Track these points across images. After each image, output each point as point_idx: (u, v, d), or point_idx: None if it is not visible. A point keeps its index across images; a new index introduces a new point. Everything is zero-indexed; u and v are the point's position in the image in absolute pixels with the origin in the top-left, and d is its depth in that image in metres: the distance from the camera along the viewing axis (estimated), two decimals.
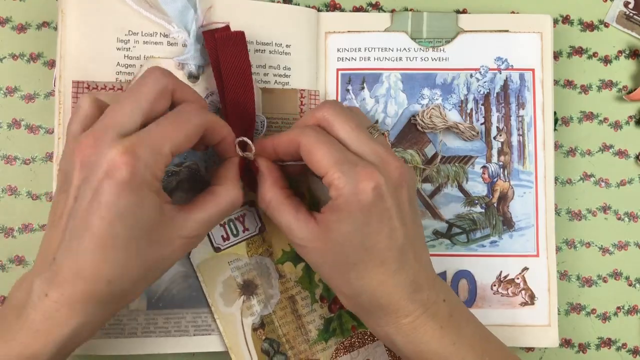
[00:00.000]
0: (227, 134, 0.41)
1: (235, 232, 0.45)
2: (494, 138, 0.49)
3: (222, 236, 0.45)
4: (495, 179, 0.48)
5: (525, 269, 0.48)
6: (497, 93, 0.49)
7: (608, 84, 0.52)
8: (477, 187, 0.48)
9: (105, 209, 0.34)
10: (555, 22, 0.52)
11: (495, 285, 0.48)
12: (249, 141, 0.41)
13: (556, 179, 0.51)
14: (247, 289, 0.45)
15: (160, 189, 0.36)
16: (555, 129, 0.50)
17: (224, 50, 0.43)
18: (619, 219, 0.51)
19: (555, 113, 0.50)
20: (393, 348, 0.40)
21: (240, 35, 0.43)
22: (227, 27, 0.44)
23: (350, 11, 0.51)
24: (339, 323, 0.46)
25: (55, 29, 0.48)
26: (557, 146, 0.51)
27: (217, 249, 0.45)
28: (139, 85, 0.37)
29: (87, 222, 0.34)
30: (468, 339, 0.39)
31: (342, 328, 0.46)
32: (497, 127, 0.49)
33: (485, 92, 0.49)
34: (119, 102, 0.36)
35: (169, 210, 0.37)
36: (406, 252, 0.38)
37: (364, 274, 0.38)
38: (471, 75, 0.49)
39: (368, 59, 0.49)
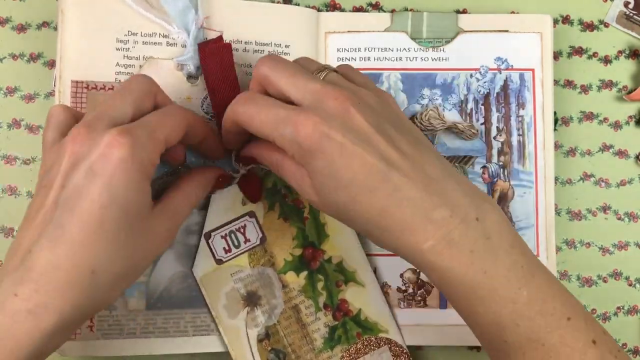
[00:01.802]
0: (209, 133, 0.41)
1: (236, 243, 0.45)
2: (494, 138, 0.49)
3: (224, 248, 0.45)
4: (495, 179, 0.48)
5: None
6: (497, 93, 0.49)
7: (608, 84, 0.52)
8: None
9: (98, 190, 0.32)
10: (555, 22, 0.51)
11: None
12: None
13: (556, 179, 0.51)
14: (251, 300, 0.45)
15: (152, 172, 0.36)
16: (555, 129, 0.50)
17: (211, 60, 0.44)
18: (619, 219, 0.51)
19: (555, 113, 0.50)
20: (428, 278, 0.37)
21: (227, 47, 0.44)
22: (220, 38, 0.44)
23: (350, 11, 0.51)
24: (343, 330, 0.46)
25: (55, 29, 0.48)
26: (557, 146, 0.51)
27: (219, 261, 0.45)
28: (125, 84, 0.38)
29: (75, 207, 0.32)
30: (505, 268, 0.34)
31: (347, 335, 0.46)
32: (497, 127, 0.49)
33: (485, 92, 0.49)
34: (107, 99, 0.37)
35: (154, 203, 0.37)
36: (397, 170, 0.34)
37: (360, 207, 0.35)
38: (471, 75, 0.49)
39: (368, 59, 0.49)
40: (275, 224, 0.46)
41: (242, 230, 0.45)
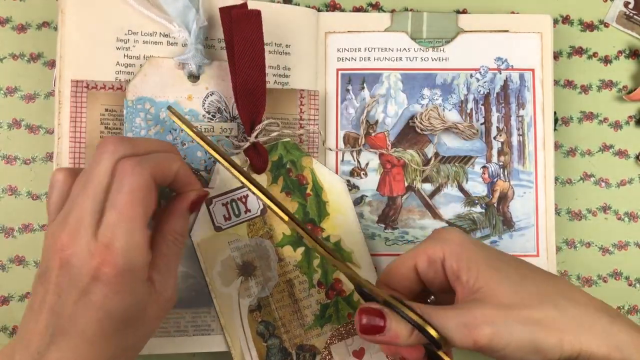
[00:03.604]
0: (180, 165, 0.39)
1: (237, 212, 0.45)
2: (494, 138, 0.49)
3: (224, 216, 0.45)
4: (495, 179, 0.48)
5: None
6: (497, 93, 0.49)
7: (608, 84, 0.52)
8: (477, 187, 0.48)
9: (94, 309, 0.34)
10: (555, 22, 0.52)
11: None
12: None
13: (556, 179, 0.51)
14: (246, 270, 0.45)
15: (147, 266, 0.36)
16: (555, 129, 0.50)
17: (239, 27, 0.42)
18: (619, 219, 0.51)
19: (555, 113, 0.50)
20: None
21: (257, 13, 0.43)
22: (245, 5, 0.43)
23: (350, 11, 0.51)
24: (335, 309, 0.46)
25: (55, 29, 0.48)
26: (557, 146, 0.51)
27: (218, 229, 0.45)
28: (96, 164, 0.36)
29: (74, 320, 0.34)
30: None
31: (338, 315, 0.46)
32: (497, 127, 0.49)
33: (485, 92, 0.49)
34: (83, 188, 0.36)
35: (153, 281, 0.37)
36: None
37: None
38: (471, 76, 0.49)
39: (368, 59, 0.49)
40: (277, 198, 0.46)
41: (243, 200, 0.45)
